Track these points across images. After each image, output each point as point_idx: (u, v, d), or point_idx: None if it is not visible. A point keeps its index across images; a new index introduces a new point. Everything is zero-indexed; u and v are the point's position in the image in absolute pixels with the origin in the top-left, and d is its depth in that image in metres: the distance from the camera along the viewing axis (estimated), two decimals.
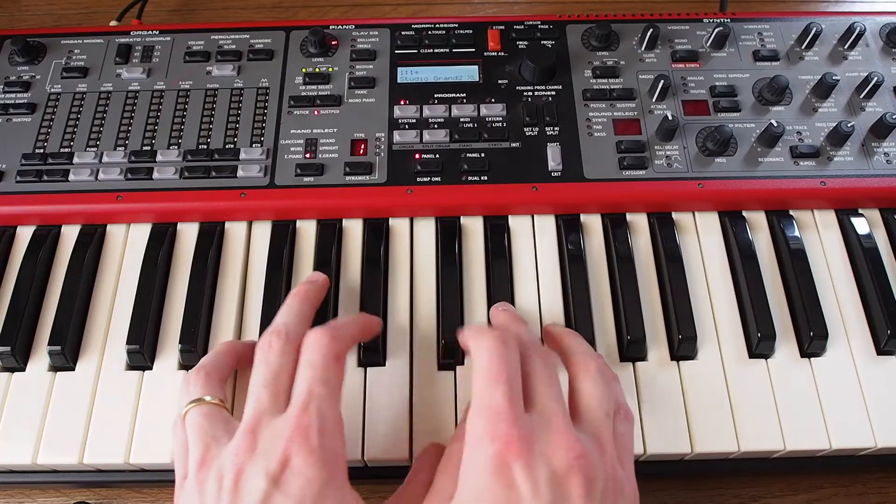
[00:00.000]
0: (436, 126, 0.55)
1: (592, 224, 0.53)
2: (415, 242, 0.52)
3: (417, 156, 0.53)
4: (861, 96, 0.56)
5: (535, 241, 0.52)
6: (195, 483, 0.36)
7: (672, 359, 0.48)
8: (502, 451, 0.34)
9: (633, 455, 0.40)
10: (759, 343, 0.47)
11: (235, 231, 0.53)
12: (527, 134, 0.54)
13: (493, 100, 0.56)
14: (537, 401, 0.38)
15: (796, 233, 0.52)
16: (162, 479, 0.47)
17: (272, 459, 0.35)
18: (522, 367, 0.39)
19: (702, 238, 0.53)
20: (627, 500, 0.37)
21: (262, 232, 0.53)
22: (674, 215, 0.53)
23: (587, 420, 0.38)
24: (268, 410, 0.37)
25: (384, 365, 0.47)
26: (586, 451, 0.35)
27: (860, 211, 0.54)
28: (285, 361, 0.40)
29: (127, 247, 0.52)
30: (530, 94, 0.56)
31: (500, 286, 0.50)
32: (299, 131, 0.55)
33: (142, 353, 0.47)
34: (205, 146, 0.54)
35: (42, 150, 0.54)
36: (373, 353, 0.47)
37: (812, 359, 0.48)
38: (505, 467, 0.34)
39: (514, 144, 0.54)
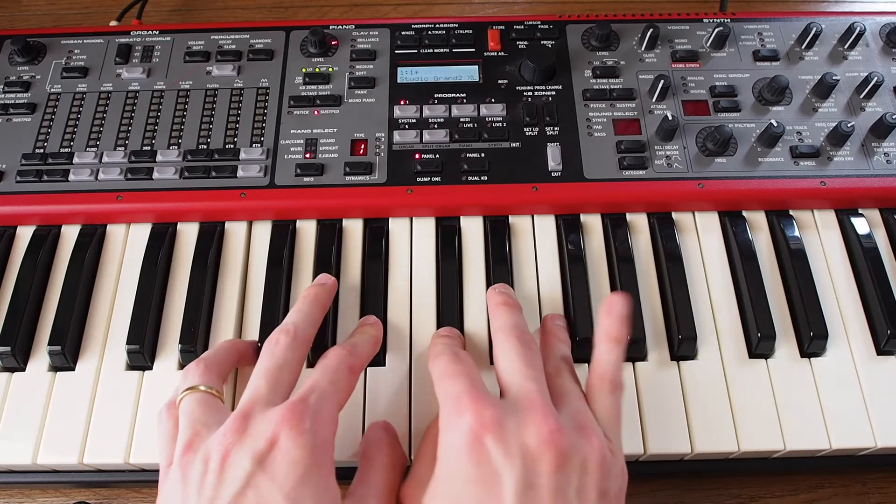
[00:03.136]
0: (436, 126, 0.55)
1: (592, 224, 0.53)
2: (415, 242, 0.52)
3: (417, 156, 0.53)
4: (861, 96, 0.56)
5: (535, 241, 0.52)
6: (179, 466, 0.36)
7: (672, 359, 0.48)
8: (474, 426, 0.34)
9: (620, 426, 0.40)
10: (759, 343, 0.47)
11: (235, 231, 0.53)
12: (527, 134, 0.54)
13: (493, 100, 0.56)
14: (511, 383, 0.38)
15: (796, 233, 0.52)
16: None
17: (260, 440, 0.35)
18: (499, 352, 0.41)
19: (702, 238, 0.53)
20: (615, 481, 0.36)
21: (262, 232, 0.53)
22: (674, 215, 0.53)
23: (567, 405, 0.39)
24: (264, 398, 0.38)
25: (384, 365, 0.47)
26: (561, 427, 0.35)
27: (860, 211, 0.54)
28: (289, 357, 0.40)
29: (127, 247, 0.52)
30: (530, 94, 0.56)
31: None
32: (299, 131, 0.55)
33: (142, 353, 0.47)
34: (205, 146, 0.54)
35: (42, 150, 0.54)
36: None
37: (812, 359, 0.48)
38: (478, 443, 0.34)
39: (514, 144, 0.54)
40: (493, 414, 0.35)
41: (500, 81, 0.57)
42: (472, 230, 0.53)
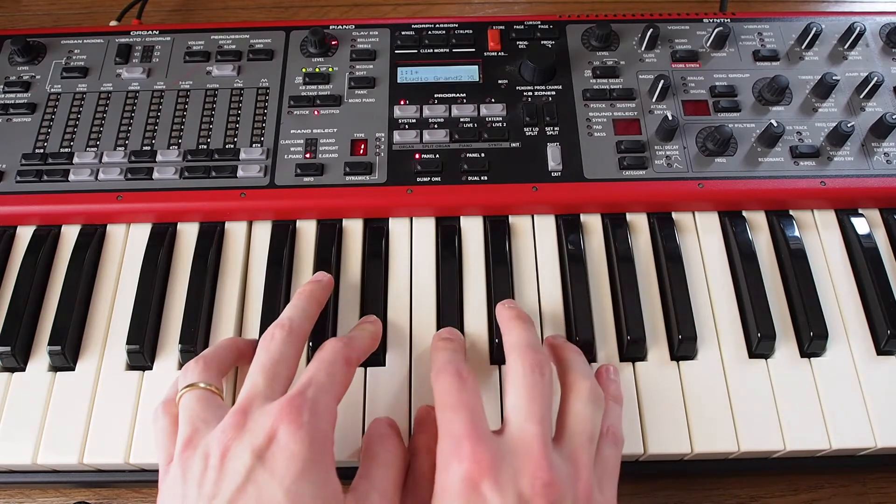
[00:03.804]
0: (436, 126, 0.55)
1: (592, 224, 0.53)
2: (415, 242, 0.52)
3: (417, 156, 0.53)
4: (861, 96, 0.56)
5: (535, 241, 0.52)
6: (179, 463, 0.36)
7: (672, 359, 0.48)
8: (471, 470, 0.34)
9: (617, 479, 0.40)
10: (759, 343, 0.47)
11: (235, 231, 0.53)
12: (527, 134, 0.54)
13: (493, 100, 0.56)
14: (512, 421, 0.38)
15: (796, 233, 0.52)
16: None
17: (259, 435, 0.35)
18: (509, 377, 0.40)
19: (702, 238, 0.53)
20: None
21: (262, 232, 0.53)
22: (674, 215, 0.53)
23: (568, 441, 0.39)
24: (261, 394, 0.38)
25: (384, 365, 0.47)
26: (554, 479, 0.35)
27: (860, 211, 0.54)
28: (286, 351, 0.40)
29: (127, 247, 0.52)
30: (530, 94, 0.56)
31: (500, 286, 0.49)
32: (299, 131, 0.55)
33: (142, 353, 0.47)
34: (205, 146, 0.54)
35: (42, 150, 0.54)
36: (372, 353, 0.47)
37: (812, 359, 0.48)
38: (474, 489, 0.34)
39: (514, 144, 0.54)
40: (492, 460, 0.35)
41: (500, 81, 0.57)
42: (472, 230, 0.53)
